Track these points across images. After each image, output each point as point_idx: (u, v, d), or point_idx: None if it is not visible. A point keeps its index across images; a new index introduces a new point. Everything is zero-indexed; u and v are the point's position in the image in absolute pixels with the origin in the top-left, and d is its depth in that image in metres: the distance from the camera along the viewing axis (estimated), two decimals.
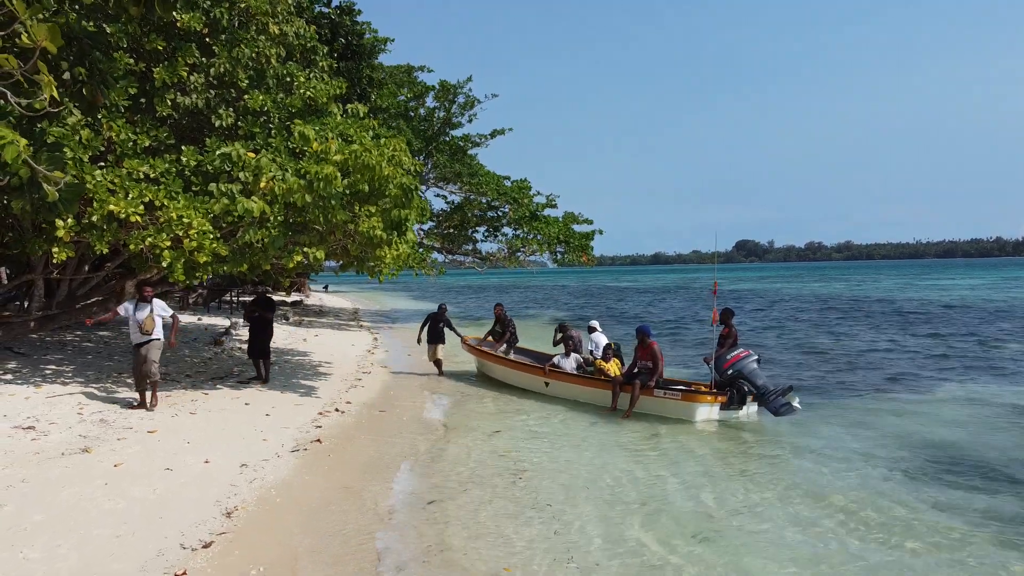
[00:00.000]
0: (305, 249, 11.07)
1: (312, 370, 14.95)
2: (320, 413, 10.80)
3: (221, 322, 21.79)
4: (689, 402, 10.45)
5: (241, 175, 10.72)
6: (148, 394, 9.98)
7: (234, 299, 33.57)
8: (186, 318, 23.23)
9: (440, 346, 15.59)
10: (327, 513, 6.62)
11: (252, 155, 10.70)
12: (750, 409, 10.83)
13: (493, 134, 29.97)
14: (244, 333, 19.51)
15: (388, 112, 26.15)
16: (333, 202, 10.71)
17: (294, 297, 42.59)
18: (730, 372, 10.31)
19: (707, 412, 10.48)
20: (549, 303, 48.88)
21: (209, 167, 10.96)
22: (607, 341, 13.66)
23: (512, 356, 15.10)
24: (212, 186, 10.61)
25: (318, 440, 9.13)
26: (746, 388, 10.33)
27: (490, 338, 15.92)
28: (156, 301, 10.41)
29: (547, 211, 29.98)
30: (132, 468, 7.30)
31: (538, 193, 29.80)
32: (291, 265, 10.87)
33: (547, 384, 12.81)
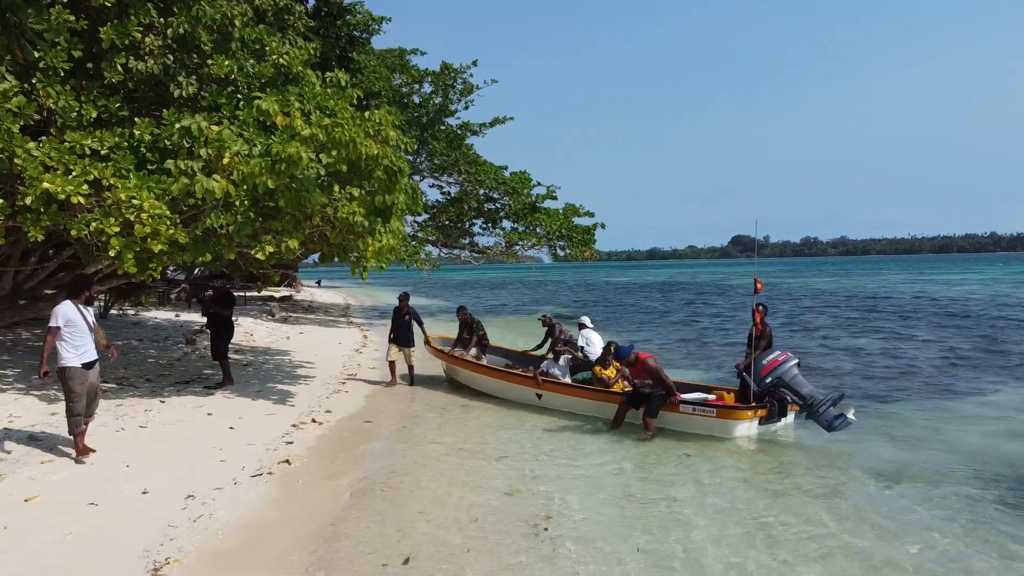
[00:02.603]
0: (276, 238, 9.62)
1: (291, 373, 13.52)
2: (294, 425, 9.38)
3: (201, 319, 20.33)
4: (726, 419, 8.95)
5: (203, 152, 9.29)
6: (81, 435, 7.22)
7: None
8: (163, 314, 21.79)
9: (409, 349, 12.81)
10: (287, 569, 5.20)
11: (216, 128, 9.26)
12: (788, 420, 9.43)
13: (493, 122, 28.52)
14: None
15: (381, 97, 24.71)
16: (306, 184, 9.29)
17: (283, 292, 41.10)
18: (769, 380, 8.89)
19: (745, 429, 9.04)
20: (552, 302, 47.38)
21: (167, 142, 9.53)
22: (602, 341, 12.19)
23: (485, 360, 13.14)
24: (169, 163, 9.19)
25: (286, 460, 7.71)
26: (789, 398, 8.92)
27: (458, 348, 13.25)
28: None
29: (547, 203, 28.58)
30: (46, 503, 5.88)
31: (538, 184, 28.40)
32: (261, 256, 9.42)
33: (540, 396, 11.01)
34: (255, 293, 37.57)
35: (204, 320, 18.88)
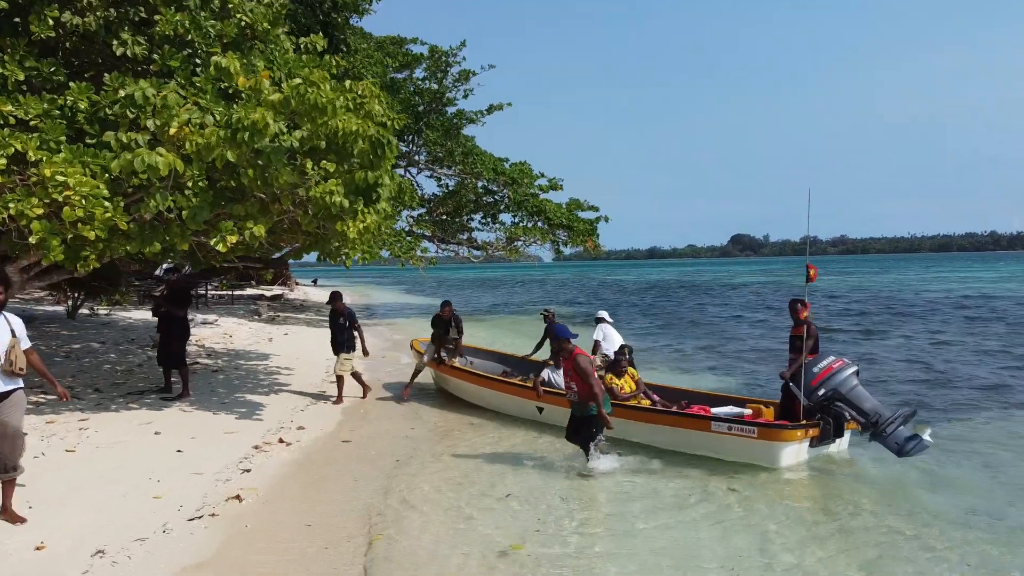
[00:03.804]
0: (239, 224, 8.11)
1: (266, 380, 12.01)
2: (256, 447, 7.87)
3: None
4: (770, 441, 7.27)
5: (150, 123, 7.79)
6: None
7: (208, 292, 30.68)
8: (140, 314, 20.24)
9: (349, 357, 10.66)
10: None
11: (161, 94, 7.77)
12: (844, 441, 7.91)
13: (490, 109, 27.01)
14: (197, 332, 16.57)
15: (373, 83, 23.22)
16: (274, 158, 7.80)
17: (275, 291, 39.57)
18: (822, 392, 7.35)
19: (794, 454, 7.38)
20: (553, 303, 45.86)
21: (108, 112, 8.04)
22: (621, 340, 10.67)
23: (463, 363, 11.43)
24: (109, 135, 7.70)
25: (237, 497, 6.20)
26: (847, 414, 7.39)
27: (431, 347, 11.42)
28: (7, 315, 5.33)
29: (550, 195, 27.07)
30: None
31: (541, 175, 26.87)
32: (222, 247, 7.91)
33: (541, 410, 9.28)
34: (242, 292, 36.07)
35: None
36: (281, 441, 8.18)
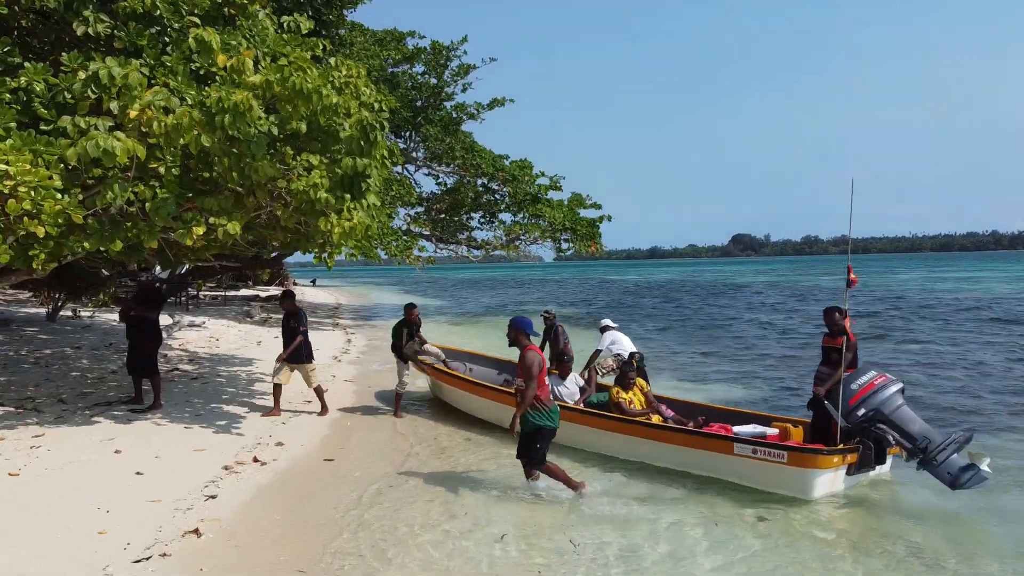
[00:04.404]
0: (212, 220, 7.30)
1: (247, 388, 11.20)
2: (227, 467, 7.06)
3: (165, 320, 18.02)
4: (802, 468, 6.36)
5: (114, 105, 7.00)
6: None
7: (198, 293, 29.83)
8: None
9: (306, 367, 9.43)
10: None
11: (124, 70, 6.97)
12: (885, 468, 7.06)
13: (492, 104, 26.15)
14: (182, 336, 15.79)
15: (369, 76, 22.43)
16: (252, 147, 7.00)
17: (271, 291, 38.71)
18: (862, 412, 6.49)
19: (829, 482, 6.48)
20: (554, 304, 45.02)
21: (67, 95, 7.24)
22: (632, 347, 9.88)
23: (463, 370, 10.84)
24: (65, 120, 6.90)
25: (196, 531, 5.39)
26: (890, 438, 6.48)
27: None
28: None
29: (551, 194, 26.23)
30: None
31: (542, 174, 26.02)
32: (188, 241, 7.12)
33: None
34: (236, 293, 35.30)
35: (169, 322, 16.61)
36: (256, 460, 7.37)
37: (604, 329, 10.32)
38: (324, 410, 9.63)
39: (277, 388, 9.39)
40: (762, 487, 6.60)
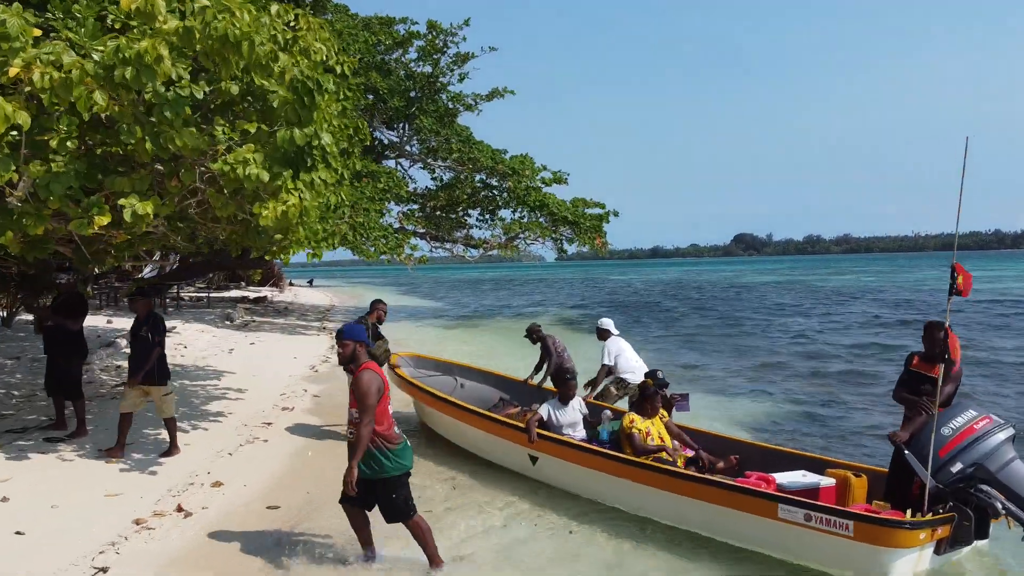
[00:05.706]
0: (121, 202, 5.78)
1: (202, 408, 9.65)
2: (138, 521, 5.54)
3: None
4: (874, 545, 4.67)
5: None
6: None
7: (182, 294, 28.34)
8: (95, 320, 17.86)
9: (159, 390, 7.11)
10: None
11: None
12: (983, 542, 5.26)
13: (491, 95, 24.67)
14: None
15: (346, 52, 20.87)
16: (166, 110, 5.49)
17: (261, 292, 37.20)
18: (958, 468, 4.83)
19: (912, 564, 4.76)
20: (557, 305, 43.39)
21: None
22: (642, 364, 8.32)
23: (454, 385, 9.42)
24: None
25: None
26: (997, 504, 4.74)
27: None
28: None
29: (554, 188, 24.73)
30: None
31: (544, 167, 24.47)
32: (87, 230, 5.61)
33: (535, 460, 6.80)
34: (222, 294, 33.81)
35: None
36: (179, 509, 5.84)
37: (603, 334, 8.57)
38: (173, 449, 7.23)
39: (124, 419, 7.07)
40: (817, 565, 4.98)
